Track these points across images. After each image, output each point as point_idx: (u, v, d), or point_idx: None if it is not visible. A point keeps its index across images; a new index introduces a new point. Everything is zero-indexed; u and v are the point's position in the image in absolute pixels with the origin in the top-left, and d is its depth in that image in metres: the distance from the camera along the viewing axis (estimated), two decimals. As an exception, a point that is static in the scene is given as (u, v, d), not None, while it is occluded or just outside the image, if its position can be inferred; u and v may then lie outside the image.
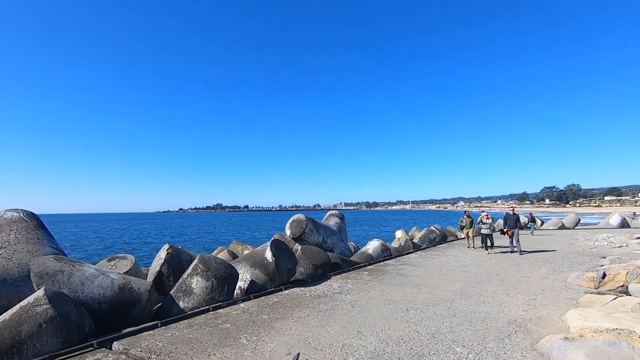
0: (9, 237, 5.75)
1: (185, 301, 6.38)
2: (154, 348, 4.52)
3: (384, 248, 12.82)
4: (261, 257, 7.99)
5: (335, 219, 14.04)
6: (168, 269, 7.36)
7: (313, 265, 8.95)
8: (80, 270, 5.73)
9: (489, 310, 6.06)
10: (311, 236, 11.48)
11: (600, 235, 18.40)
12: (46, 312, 4.40)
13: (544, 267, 10.27)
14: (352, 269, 10.23)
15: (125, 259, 8.05)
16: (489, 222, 13.81)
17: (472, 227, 15.56)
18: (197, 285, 6.41)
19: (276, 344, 4.64)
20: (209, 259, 6.77)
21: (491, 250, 13.51)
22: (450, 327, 5.21)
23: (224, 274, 6.63)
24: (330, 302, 6.67)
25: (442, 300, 6.77)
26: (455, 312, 5.99)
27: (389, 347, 4.51)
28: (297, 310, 6.20)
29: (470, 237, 15.43)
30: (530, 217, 25.78)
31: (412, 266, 10.74)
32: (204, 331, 5.17)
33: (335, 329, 5.20)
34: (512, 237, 13.36)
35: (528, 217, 26.14)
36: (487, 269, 10.06)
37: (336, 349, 4.44)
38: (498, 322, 5.40)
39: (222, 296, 6.61)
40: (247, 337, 4.92)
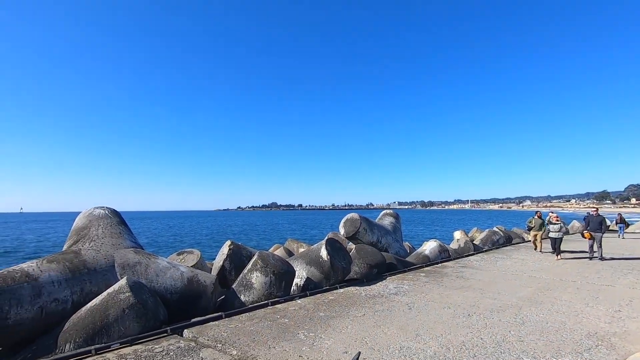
0: (97, 231, 6.52)
1: (245, 295, 6.71)
2: (220, 337, 4.83)
3: (441, 249, 12.30)
4: (317, 255, 8.12)
5: (390, 218, 13.77)
6: (230, 264, 7.79)
7: (368, 264, 8.88)
8: (155, 262, 6.30)
9: (564, 320, 5.53)
10: (365, 235, 11.40)
11: None
12: (128, 299, 4.91)
13: (631, 275, 9.11)
14: (407, 270, 9.97)
15: (192, 254, 8.70)
16: (560, 224, 12.50)
17: (542, 230, 14.17)
18: (256, 281, 6.71)
19: (333, 341, 4.69)
20: (267, 256, 7.04)
21: (559, 256, 12.22)
22: (518, 336, 4.85)
23: (281, 270, 6.86)
24: (387, 303, 6.57)
25: (508, 306, 6.32)
26: (523, 320, 5.56)
27: (450, 352, 4.32)
28: (352, 309, 6.20)
29: (539, 241, 14.08)
30: (619, 218, 22.73)
31: (473, 269, 10.17)
32: (263, 324, 5.39)
33: (392, 330, 5.12)
34: (592, 241, 12.00)
35: (616, 219, 23.12)
36: (561, 275, 9.18)
37: (394, 351, 4.37)
38: (575, 334, 4.90)
39: (280, 292, 6.84)
40: (304, 332, 5.04)
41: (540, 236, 14.07)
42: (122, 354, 4.31)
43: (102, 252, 6.04)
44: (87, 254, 5.87)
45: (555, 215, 12.93)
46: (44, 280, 5.00)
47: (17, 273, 4.87)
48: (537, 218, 14.49)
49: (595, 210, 12.67)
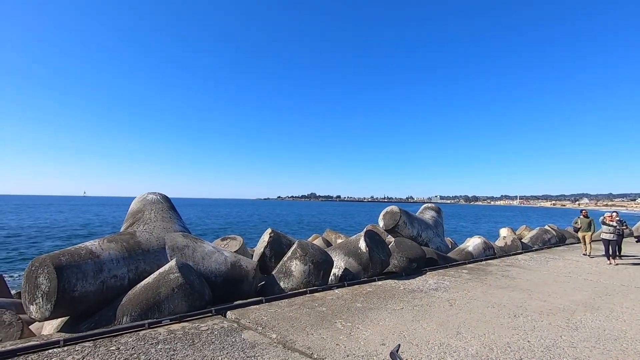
0: (150, 215, 7.00)
1: (285, 282, 6.88)
2: (260, 321, 5.01)
3: (486, 246, 11.76)
4: (355, 247, 8.12)
5: (432, 212, 13.38)
6: (270, 251, 8.02)
7: (407, 258, 8.72)
8: (202, 246, 6.65)
9: (625, 328, 5.09)
10: (405, 229, 11.18)
11: None
12: (177, 279, 5.24)
13: None
14: (449, 266, 9.66)
15: (235, 240, 9.06)
16: (614, 225, 11.08)
17: (590, 230, 12.70)
18: (295, 269, 6.85)
19: (370, 332, 4.69)
20: (306, 245, 7.16)
21: (614, 261, 10.85)
22: (570, 342, 4.54)
23: (320, 259, 6.94)
24: (426, 298, 6.43)
25: (559, 309, 5.92)
26: (577, 325, 5.18)
27: (494, 353, 4.15)
28: (390, 302, 6.15)
29: (587, 242, 12.58)
30: None
31: (520, 268, 9.63)
32: (302, 311, 5.51)
33: (432, 326, 5.01)
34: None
35: None
36: (621, 280, 8.42)
37: (433, 347, 4.28)
38: (637, 345, 4.49)
39: (318, 281, 6.94)
40: (342, 322, 5.08)
41: (589, 238, 12.61)
42: (172, 329, 4.63)
43: (154, 235, 6.47)
44: (141, 236, 6.32)
45: (610, 215, 11.56)
46: (105, 257, 5.46)
47: (82, 250, 5.37)
48: (582, 217, 13.07)
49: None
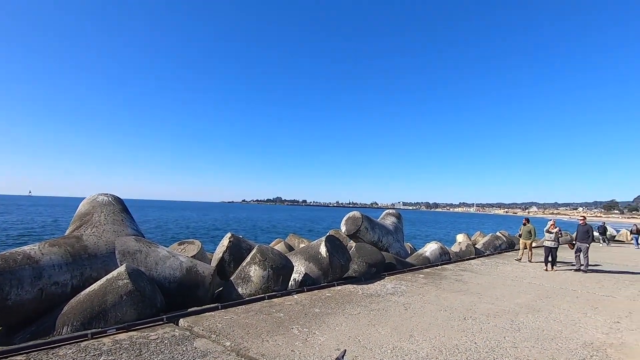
0: (99, 217, 6.60)
1: (243, 287, 6.76)
2: (214, 328, 4.87)
3: (442, 251, 12.26)
4: (316, 252, 8.14)
5: (392, 218, 13.75)
6: (229, 256, 7.84)
7: (367, 263, 8.88)
8: (155, 251, 6.37)
9: (561, 329, 5.49)
10: (366, 234, 11.39)
11: None
12: (126, 286, 4.97)
13: (633, 287, 9.00)
14: (407, 271, 9.95)
15: (193, 244, 8.77)
16: (555, 233, 11.56)
17: (530, 238, 13.17)
18: (254, 274, 6.75)
19: (326, 337, 4.71)
20: (266, 250, 7.08)
21: (552, 267, 11.28)
22: (512, 343, 4.82)
23: (279, 265, 6.89)
24: (383, 302, 6.57)
25: (505, 312, 6.29)
26: (519, 326, 5.53)
27: (443, 355, 4.32)
28: (348, 306, 6.22)
29: (528, 249, 13.15)
30: (635, 229, 22.39)
31: (473, 273, 10.13)
32: (259, 318, 5.43)
33: (386, 329, 5.12)
34: (577, 252, 11.32)
35: (632, 229, 22.88)
36: (561, 284, 9.11)
37: (386, 351, 4.37)
38: (571, 344, 4.87)
39: (277, 286, 6.87)
40: (299, 327, 5.06)
41: (529, 245, 13.18)
42: (118, 339, 4.37)
43: (103, 239, 6.11)
44: (88, 240, 5.94)
45: (553, 223, 12.04)
46: (45, 263, 5.07)
47: (18, 255, 4.95)
48: (524, 225, 13.59)
49: (582, 220, 11.97)
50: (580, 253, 11.26)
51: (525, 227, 13.45)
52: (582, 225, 11.65)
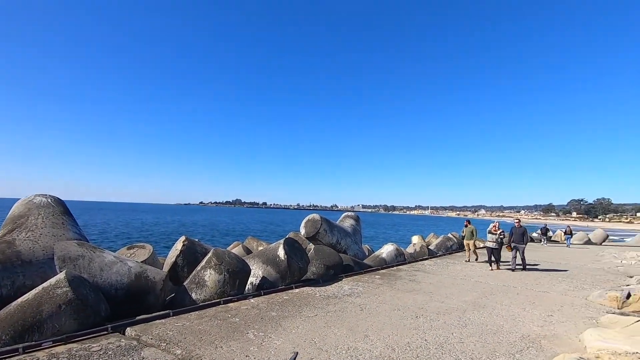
0: (36, 220, 6.06)
1: (197, 293, 6.53)
2: (165, 336, 4.65)
3: (398, 253, 12.67)
4: (274, 255, 8.07)
5: (351, 220, 13.99)
6: (183, 261, 7.54)
7: (325, 265, 8.96)
8: (100, 256, 5.97)
9: (502, 323, 5.90)
10: (325, 236, 11.49)
11: (629, 254, 17.54)
12: (66, 295, 4.60)
13: (565, 282, 9.89)
14: (364, 272, 10.17)
15: (144, 248, 8.33)
16: (497, 234, 11.92)
17: (472, 239, 13.66)
18: (209, 278, 6.55)
19: (282, 341, 4.68)
20: (222, 253, 6.90)
21: (495, 267, 11.79)
22: (459, 338, 5.10)
23: (236, 268, 6.75)
24: (340, 304, 6.66)
25: (453, 309, 6.64)
26: (466, 322, 5.86)
27: (395, 353, 4.46)
28: (305, 309, 6.23)
29: (471, 250, 13.63)
30: (568, 230, 24.96)
31: (425, 273, 10.58)
32: (213, 323, 5.27)
33: (342, 331, 5.20)
34: (515, 252, 11.74)
35: (565, 230, 25.43)
36: (504, 281, 9.78)
37: (341, 351, 4.44)
38: (510, 337, 5.24)
39: (234, 290, 6.72)
40: (254, 332, 4.99)
41: (472, 245, 13.64)
42: (55, 352, 4.04)
43: (40, 244, 5.62)
44: (22, 245, 5.43)
45: (495, 225, 12.40)
46: (-32, 271, 4.56)
47: (-64, 263, 4.41)
48: (466, 227, 14.00)
49: (518, 222, 12.35)
50: (516, 253, 11.71)
51: (467, 229, 13.98)
52: (517, 227, 12.04)
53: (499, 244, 11.93)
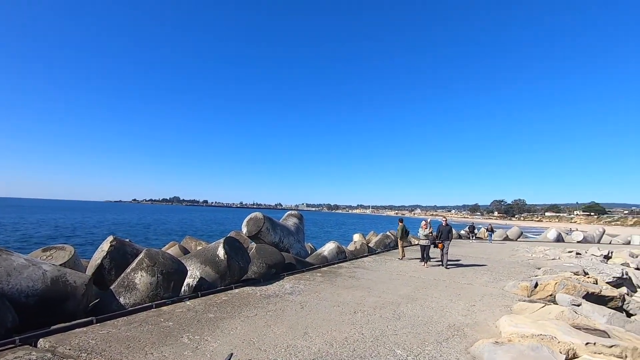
0: None
1: (126, 297, 6.05)
2: (85, 346, 4.24)
3: (339, 250, 12.99)
4: (213, 254, 7.79)
5: (294, 219, 14.02)
6: (110, 263, 6.94)
7: (266, 264, 8.86)
8: (8, 259, 5.25)
9: (432, 314, 6.34)
10: (268, 235, 11.38)
11: (538, 248, 19.93)
12: (-39, 305, 3.97)
13: (486, 275, 10.93)
14: (306, 270, 10.26)
15: (63, 250, 7.50)
16: (428, 232, 12.43)
17: (403, 237, 14.19)
18: (140, 281, 6.11)
19: (219, 343, 4.54)
20: (156, 254, 6.48)
21: (427, 264, 12.31)
22: (394, 330, 5.38)
23: (171, 269, 6.38)
24: (280, 303, 6.64)
25: (389, 303, 6.98)
26: (400, 315, 6.19)
27: (333, 348, 4.57)
28: (245, 309, 6.10)
29: (401, 248, 14.25)
30: (489, 227, 28.00)
31: (364, 269, 10.98)
32: (143, 329, 4.93)
33: (282, 329, 5.19)
34: (442, 250, 12.28)
35: (487, 227, 28.44)
36: (435, 275, 10.52)
37: (280, 350, 4.42)
38: (438, 326, 5.66)
39: (168, 293, 6.35)
40: (189, 336, 4.76)
41: (402, 244, 14.11)
42: (-56, 372, 3.47)
43: None
44: None
45: (425, 224, 12.82)
46: None
47: None
48: (399, 225, 14.45)
49: (444, 220, 12.88)
50: (442, 250, 12.26)
51: (399, 227, 14.49)
52: (444, 225, 12.55)
53: (430, 241, 12.54)
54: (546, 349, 4.16)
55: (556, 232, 31.97)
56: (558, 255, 16.31)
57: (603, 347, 4.30)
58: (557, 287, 7.82)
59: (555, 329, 4.75)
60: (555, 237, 31.20)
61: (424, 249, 12.42)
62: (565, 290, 7.66)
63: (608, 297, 7.73)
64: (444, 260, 12.29)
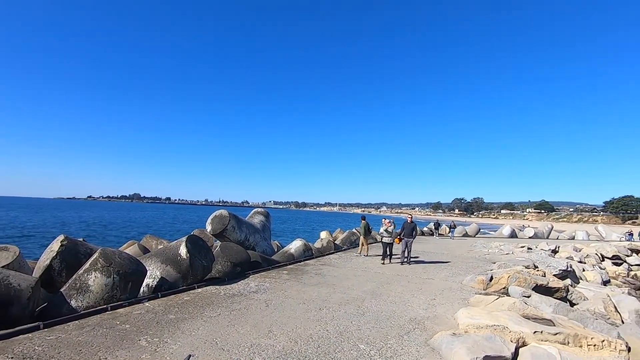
0: None
1: (78, 300, 5.70)
2: (31, 353, 3.95)
3: (306, 248, 13.00)
4: (175, 253, 7.52)
5: (260, 216, 13.86)
6: (61, 264, 6.50)
7: (231, 263, 8.69)
8: (-61, 262, 4.76)
9: (395, 309, 6.52)
10: (233, 233, 11.17)
11: (494, 244, 21.08)
12: None
13: (446, 270, 11.40)
14: (272, 268, 10.18)
15: (7, 251, 6.92)
16: (391, 230, 12.36)
17: (366, 234, 14.15)
18: (95, 282, 5.78)
19: (180, 345, 4.39)
20: (112, 253, 6.15)
21: (389, 261, 12.34)
22: (357, 326, 5.47)
23: (128, 270, 6.08)
24: (245, 301, 6.54)
25: (354, 299, 7.09)
26: (364, 311, 6.31)
27: (298, 345, 4.57)
28: (208, 309, 5.95)
29: (364, 245, 14.12)
30: (452, 224, 29.49)
31: (330, 266, 11.08)
32: (97, 333, 4.67)
33: (246, 328, 5.11)
34: (404, 246, 12.20)
35: (450, 224, 29.89)
36: (398, 272, 10.82)
37: (243, 349, 4.36)
38: (401, 320, 5.83)
39: (125, 294, 6.06)
40: (147, 338, 4.57)
41: (365, 241, 14.10)
42: None
43: None
44: None
45: (389, 221, 12.76)
46: None
47: None
48: (362, 222, 14.33)
49: (409, 217, 12.76)
50: (406, 248, 12.15)
51: (362, 224, 14.34)
52: (409, 222, 12.40)
53: (393, 239, 12.39)
54: (499, 338, 4.41)
55: (510, 229, 34.01)
56: (512, 250, 17.35)
57: (548, 334, 4.63)
58: (510, 280, 8.32)
59: (507, 320, 5.05)
60: (509, 233, 33.18)
61: (386, 246, 12.40)
62: (517, 283, 8.16)
63: (554, 288, 8.34)
64: (408, 257, 12.25)
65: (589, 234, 37.81)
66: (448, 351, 4.30)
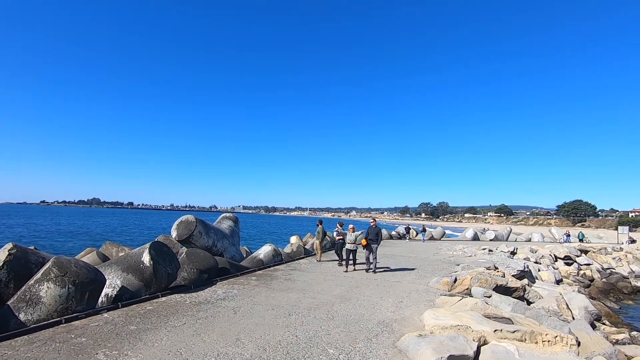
0: None
1: (28, 313, 5.30)
2: (-29, 373, 3.62)
3: (275, 253, 12.87)
4: (137, 261, 7.19)
5: (229, 222, 13.58)
6: (8, 274, 6.01)
7: (198, 269, 8.43)
8: None
9: (363, 312, 6.60)
10: (200, 239, 10.85)
11: (458, 246, 21.92)
12: None
13: (414, 273, 11.70)
14: (240, 274, 9.98)
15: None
16: (355, 236, 11.60)
17: (322, 239, 13.78)
18: (47, 293, 5.40)
19: (141, 357, 4.19)
20: (67, 262, 5.78)
21: (351, 268, 11.63)
22: (327, 330, 5.48)
23: (85, 279, 5.73)
24: (212, 309, 6.36)
25: (323, 304, 7.09)
26: (333, 315, 6.33)
27: (266, 352, 4.50)
28: (172, 318, 5.73)
29: (319, 251, 13.86)
30: (422, 228, 30.53)
31: (300, 271, 11.03)
32: (49, 348, 4.36)
33: (212, 337, 4.97)
34: (368, 252, 11.56)
35: (421, 228, 30.94)
36: (367, 275, 10.96)
37: (210, 359, 4.23)
38: (369, 324, 5.90)
39: (81, 305, 5.70)
40: (106, 351, 4.32)
41: (319, 246, 13.82)
42: None
43: None
44: None
45: (353, 227, 12.13)
46: None
47: None
48: (319, 227, 13.82)
49: (373, 222, 12.24)
50: (370, 253, 11.49)
51: (319, 229, 13.80)
52: (372, 227, 11.78)
53: (357, 245, 11.63)
54: (462, 337, 4.58)
55: (473, 232, 35.58)
56: (474, 252, 18.12)
57: (507, 332, 4.86)
58: (473, 281, 8.67)
59: (469, 319, 5.26)
60: (472, 236, 34.69)
61: (349, 253, 11.54)
62: (479, 284, 8.52)
63: (513, 288, 8.79)
64: (374, 264, 11.39)
65: (544, 236, 40.35)
66: (414, 352, 4.40)
